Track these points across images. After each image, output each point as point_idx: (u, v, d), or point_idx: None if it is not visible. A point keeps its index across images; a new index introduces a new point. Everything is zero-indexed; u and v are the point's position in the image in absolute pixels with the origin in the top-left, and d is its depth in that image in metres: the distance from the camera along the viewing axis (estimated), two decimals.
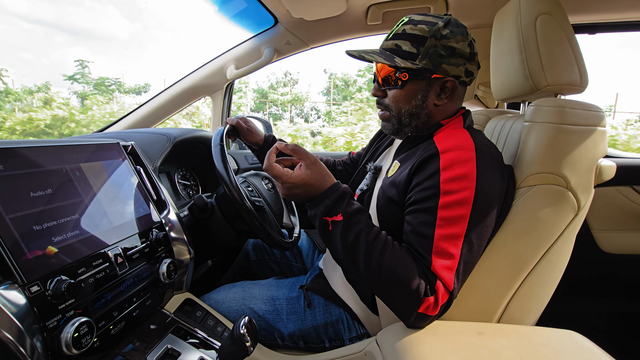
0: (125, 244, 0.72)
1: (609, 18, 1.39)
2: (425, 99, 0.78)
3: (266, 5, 1.37)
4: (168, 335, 0.75)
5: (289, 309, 0.91)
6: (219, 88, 1.77)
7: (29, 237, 0.55)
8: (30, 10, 21.98)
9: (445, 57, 0.74)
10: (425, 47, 0.74)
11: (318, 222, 0.71)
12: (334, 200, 0.70)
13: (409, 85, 0.78)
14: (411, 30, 0.76)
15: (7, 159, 0.58)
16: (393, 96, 0.80)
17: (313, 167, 0.72)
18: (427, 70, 0.75)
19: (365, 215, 0.71)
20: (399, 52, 0.76)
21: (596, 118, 0.75)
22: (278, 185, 0.74)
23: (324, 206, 0.70)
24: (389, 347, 0.67)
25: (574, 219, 0.76)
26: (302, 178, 0.71)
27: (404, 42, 0.76)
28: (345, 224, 0.68)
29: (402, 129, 0.83)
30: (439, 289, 0.64)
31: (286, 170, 0.72)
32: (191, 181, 1.36)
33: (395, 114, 0.81)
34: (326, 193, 0.71)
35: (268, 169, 0.73)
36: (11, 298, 0.50)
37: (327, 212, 0.70)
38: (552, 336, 0.69)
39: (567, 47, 0.78)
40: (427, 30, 0.74)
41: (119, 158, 0.83)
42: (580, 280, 1.47)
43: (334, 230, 0.69)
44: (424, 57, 0.74)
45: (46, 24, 23.02)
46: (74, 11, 21.96)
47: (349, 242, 0.68)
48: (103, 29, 25.35)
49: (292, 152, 0.74)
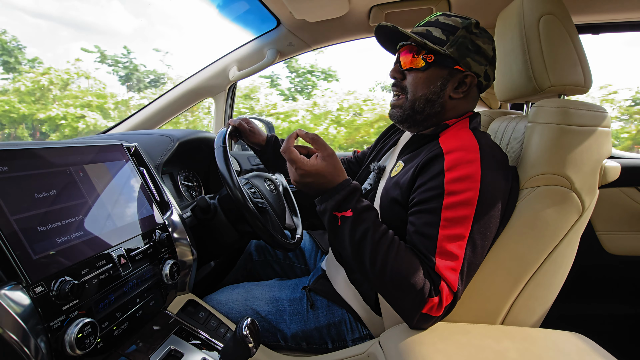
0: (129, 245, 0.72)
1: (613, 18, 1.38)
2: (443, 87, 0.79)
3: (269, 7, 1.38)
4: (171, 336, 0.75)
5: (292, 310, 0.91)
6: (221, 89, 1.77)
7: (33, 237, 0.56)
8: (35, 4, 22.10)
9: (471, 52, 0.77)
10: (456, 36, 0.76)
11: (327, 217, 0.70)
12: (344, 196, 0.69)
13: (431, 70, 0.79)
14: (444, 20, 0.79)
15: (12, 160, 0.58)
16: (413, 78, 0.81)
17: (329, 159, 0.71)
18: (452, 59, 0.77)
19: (374, 213, 0.70)
20: (429, 37, 0.78)
21: (600, 118, 0.74)
22: (291, 170, 0.73)
23: (335, 201, 0.69)
24: (392, 348, 0.67)
25: (578, 220, 0.75)
26: (317, 168, 0.70)
27: (435, 29, 0.78)
28: (354, 221, 0.68)
29: (413, 116, 0.82)
30: (443, 289, 0.64)
31: (302, 157, 0.72)
32: (194, 182, 1.36)
33: (411, 97, 0.81)
34: (338, 188, 0.70)
35: (286, 151, 0.72)
36: (16, 298, 0.50)
37: (337, 207, 0.69)
38: (557, 338, 0.68)
39: (571, 47, 0.78)
40: (460, 22, 0.77)
41: (122, 159, 0.83)
42: (584, 282, 1.46)
43: (343, 226, 0.69)
44: (452, 45, 0.76)
45: (51, 19, 23.15)
46: (79, 6, 22.10)
47: (357, 239, 0.67)
48: (107, 23, 25.43)
49: (312, 141, 0.74)
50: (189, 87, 1.71)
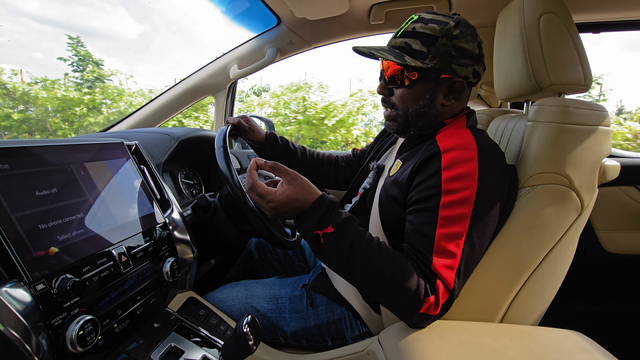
0: (129, 242, 0.73)
1: (614, 17, 1.38)
2: (433, 98, 0.78)
3: (269, 5, 1.37)
4: (171, 334, 0.75)
5: (292, 307, 0.92)
6: (222, 88, 1.77)
7: (34, 235, 0.56)
8: (41, 10, 22.15)
9: (455, 58, 0.74)
10: (436, 46, 0.73)
11: (310, 238, 0.69)
12: (322, 213, 0.67)
13: (418, 85, 0.77)
14: (422, 29, 0.75)
15: (13, 158, 0.58)
16: (401, 95, 0.80)
17: (294, 181, 0.69)
18: (436, 70, 0.74)
19: (355, 223, 0.69)
20: (409, 51, 0.75)
21: (600, 117, 0.75)
22: (263, 205, 0.70)
23: (314, 220, 0.67)
24: (391, 346, 0.67)
25: (578, 219, 0.75)
26: (287, 194, 0.68)
27: (414, 41, 0.75)
28: (337, 235, 0.67)
29: (408, 128, 0.83)
30: (438, 287, 0.64)
31: (270, 188, 0.70)
32: (194, 180, 1.36)
33: (402, 113, 0.81)
34: (313, 206, 0.68)
35: (253, 187, 0.69)
36: (17, 296, 0.51)
37: (317, 226, 0.67)
38: (556, 336, 0.69)
39: (571, 46, 0.77)
40: (438, 29, 0.73)
41: (123, 157, 0.83)
42: (583, 281, 1.46)
43: (327, 243, 0.67)
44: (435, 56, 0.73)
45: (56, 24, 23.19)
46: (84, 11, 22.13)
47: (343, 252, 0.66)
48: (111, 29, 25.44)
49: (272, 170, 0.71)
50: (190, 85, 1.71)
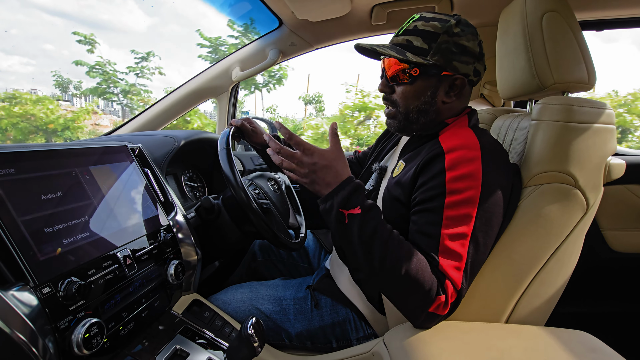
0: (134, 245, 0.73)
1: (617, 14, 1.37)
2: (434, 95, 0.78)
3: (271, 7, 1.38)
4: (176, 336, 0.75)
5: (296, 309, 0.91)
6: (224, 90, 1.78)
7: (40, 239, 0.56)
8: (53, 2, 22.54)
9: (456, 55, 0.74)
10: (438, 43, 0.74)
11: (333, 215, 0.68)
12: (351, 192, 0.68)
13: (419, 82, 0.77)
14: (423, 27, 0.75)
15: (19, 162, 0.59)
16: (402, 92, 0.80)
17: (338, 152, 0.71)
18: (437, 66, 0.75)
19: (380, 211, 0.70)
20: (410, 48, 0.76)
21: (605, 116, 0.74)
22: (302, 161, 0.69)
23: (342, 196, 0.67)
24: (396, 347, 0.67)
25: (583, 218, 0.75)
26: (332, 158, 0.70)
27: (415, 38, 0.76)
28: (363, 218, 0.66)
29: (409, 126, 0.82)
30: (448, 288, 0.64)
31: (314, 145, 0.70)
32: (198, 183, 1.37)
33: (403, 110, 0.80)
34: (345, 182, 0.69)
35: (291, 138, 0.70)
36: (23, 299, 0.51)
37: (344, 204, 0.67)
38: (562, 336, 0.68)
39: (574, 44, 0.77)
40: (439, 27, 0.74)
41: (126, 161, 0.84)
42: (590, 280, 1.45)
43: (350, 224, 0.67)
44: (436, 53, 0.74)
45: (67, 17, 23.50)
46: (95, 4, 22.44)
47: (366, 237, 0.66)
48: (121, 21, 25.75)
49: (296, 144, 0.70)
50: (192, 88, 1.72)
